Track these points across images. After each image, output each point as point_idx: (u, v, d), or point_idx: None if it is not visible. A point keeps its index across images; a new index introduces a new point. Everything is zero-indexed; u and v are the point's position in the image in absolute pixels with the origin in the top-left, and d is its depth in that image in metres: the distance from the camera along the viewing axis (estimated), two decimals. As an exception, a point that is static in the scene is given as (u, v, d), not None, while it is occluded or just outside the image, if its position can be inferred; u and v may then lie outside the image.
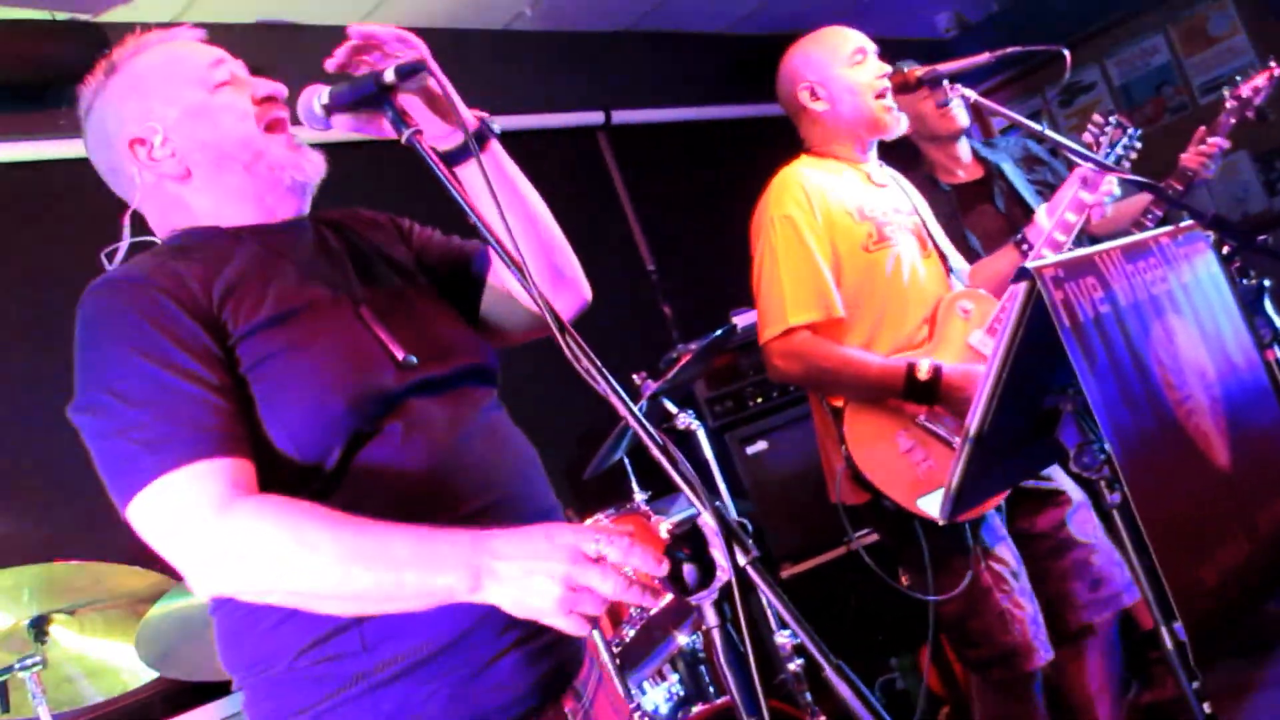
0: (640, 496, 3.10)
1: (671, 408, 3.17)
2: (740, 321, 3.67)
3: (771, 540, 3.83)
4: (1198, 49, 5.89)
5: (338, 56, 1.45)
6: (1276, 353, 2.50)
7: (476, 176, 1.46)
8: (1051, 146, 3.52)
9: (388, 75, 1.40)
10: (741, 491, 3.86)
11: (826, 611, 3.72)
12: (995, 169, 3.38)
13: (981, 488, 1.75)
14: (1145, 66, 6.07)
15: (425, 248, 1.70)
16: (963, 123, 3.27)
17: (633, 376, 3.19)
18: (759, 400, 4.03)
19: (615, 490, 3.18)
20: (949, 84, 2.68)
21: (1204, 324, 1.64)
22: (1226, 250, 2.54)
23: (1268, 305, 2.49)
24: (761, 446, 3.93)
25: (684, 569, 1.18)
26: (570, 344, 1.24)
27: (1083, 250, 1.48)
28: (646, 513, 2.95)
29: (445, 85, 1.48)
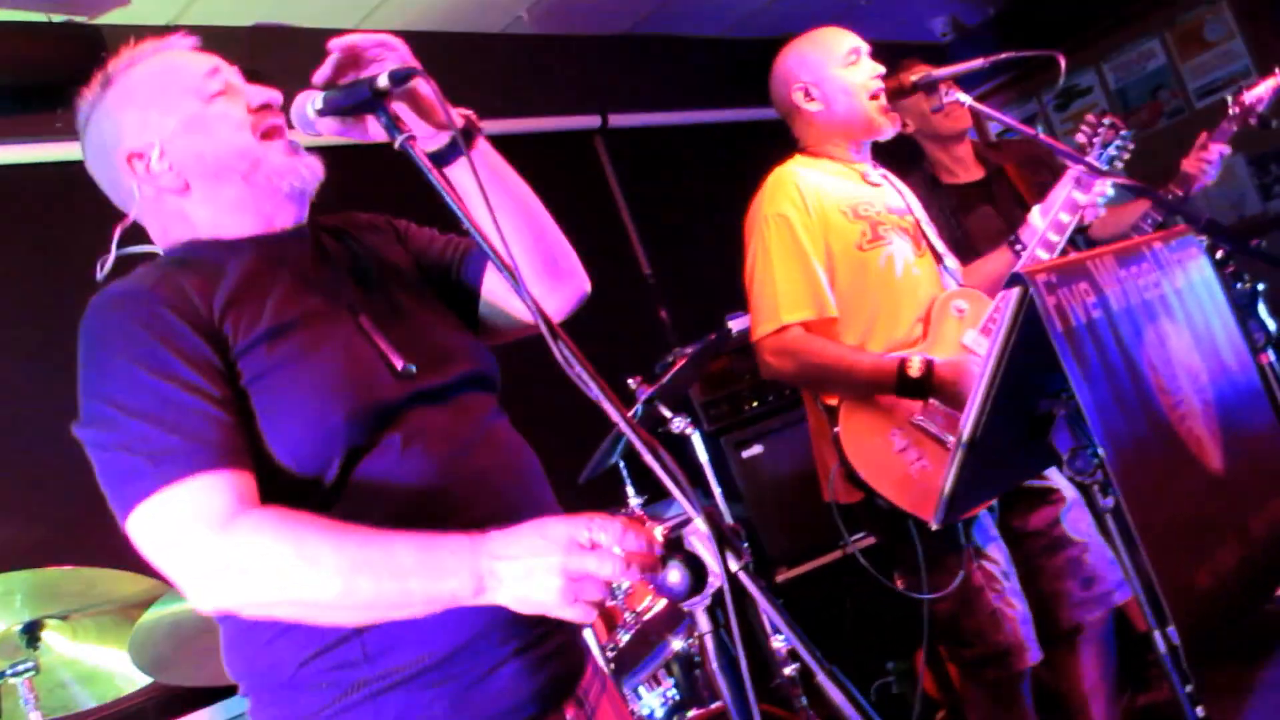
0: (635, 501, 3.10)
1: (666, 412, 3.17)
2: (735, 326, 3.66)
3: (766, 544, 3.83)
4: (1194, 53, 5.89)
5: (323, 72, 1.44)
6: (1270, 356, 2.50)
7: (466, 175, 1.45)
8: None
9: (381, 80, 1.39)
10: (736, 495, 3.87)
11: (822, 615, 3.73)
12: (996, 170, 3.39)
13: (975, 492, 1.76)
14: (1141, 70, 6.08)
15: (423, 251, 1.69)
16: (966, 123, 3.27)
17: (628, 380, 3.19)
18: (754, 404, 4.04)
19: (610, 495, 3.18)
20: (948, 87, 2.69)
21: (1197, 328, 1.64)
22: (1220, 254, 2.54)
23: (1261, 309, 2.49)
24: (756, 450, 3.94)
25: (677, 574, 1.18)
26: (562, 349, 1.24)
27: (1075, 255, 1.48)
28: (641, 517, 2.95)
29: (434, 88, 1.48)
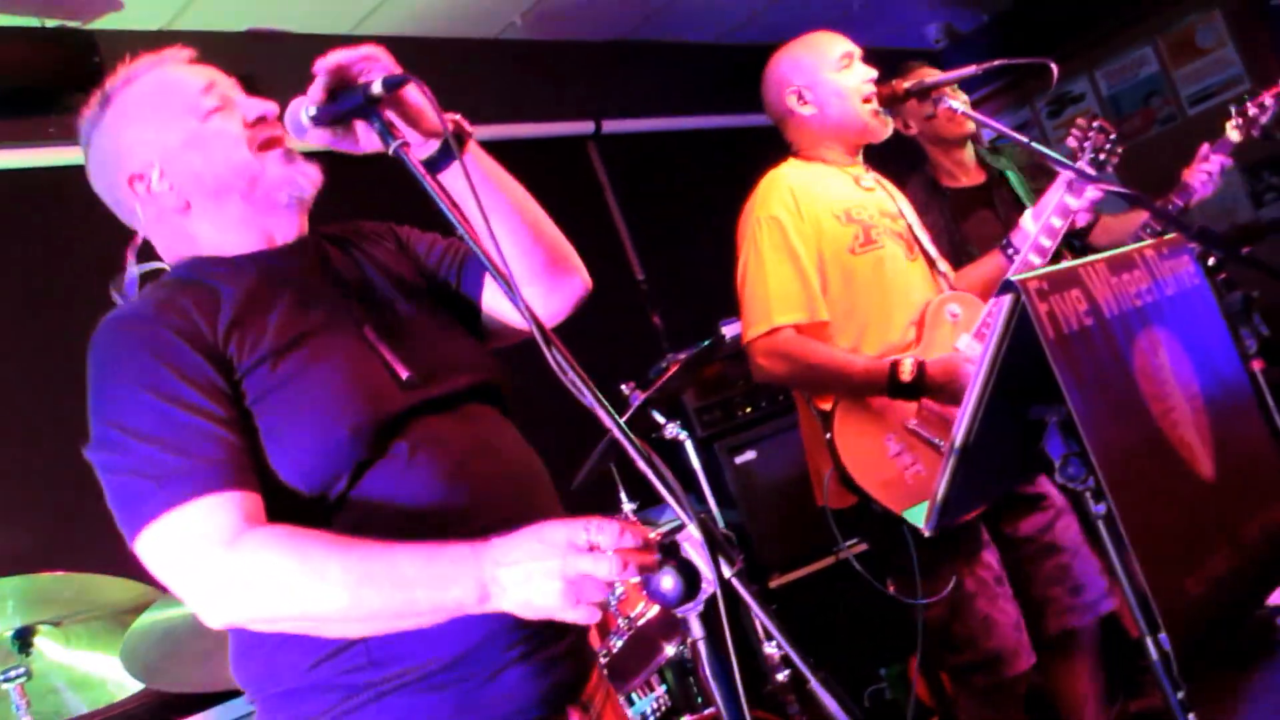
0: (628, 506, 3.10)
1: (659, 418, 3.17)
2: (729, 331, 3.67)
3: (759, 550, 3.83)
4: (1186, 60, 5.91)
5: (315, 94, 1.43)
6: (1262, 364, 2.51)
7: (459, 180, 1.45)
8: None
9: (375, 88, 1.39)
10: (729, 501, 3.86)
11: (815, 621, 3.72)
12: (998, 175, 3.39)
13: (967, 498, 1.76)
14: (1134, 77, 6.10)
15: (423, 260, 1.70)
16: (968, 128, 3.27)
17: (621, 386, 3.19)
18: (747, 410, 4.04)
19: (603, 500, 3.18)
20: (951, 92, 2.69)
21: (1189, 336, 1.64)
22: (1212, 261, 2.55)
23: (1253, 316, 2.50)
24: (750, 456, 3.94)
25: (670, 580, 1.18)
26: (555, 356, 1.24)
27: (1067, 263, 1.49)
28: (634, 523, 2.94)
29: (427, 92, 1.48)
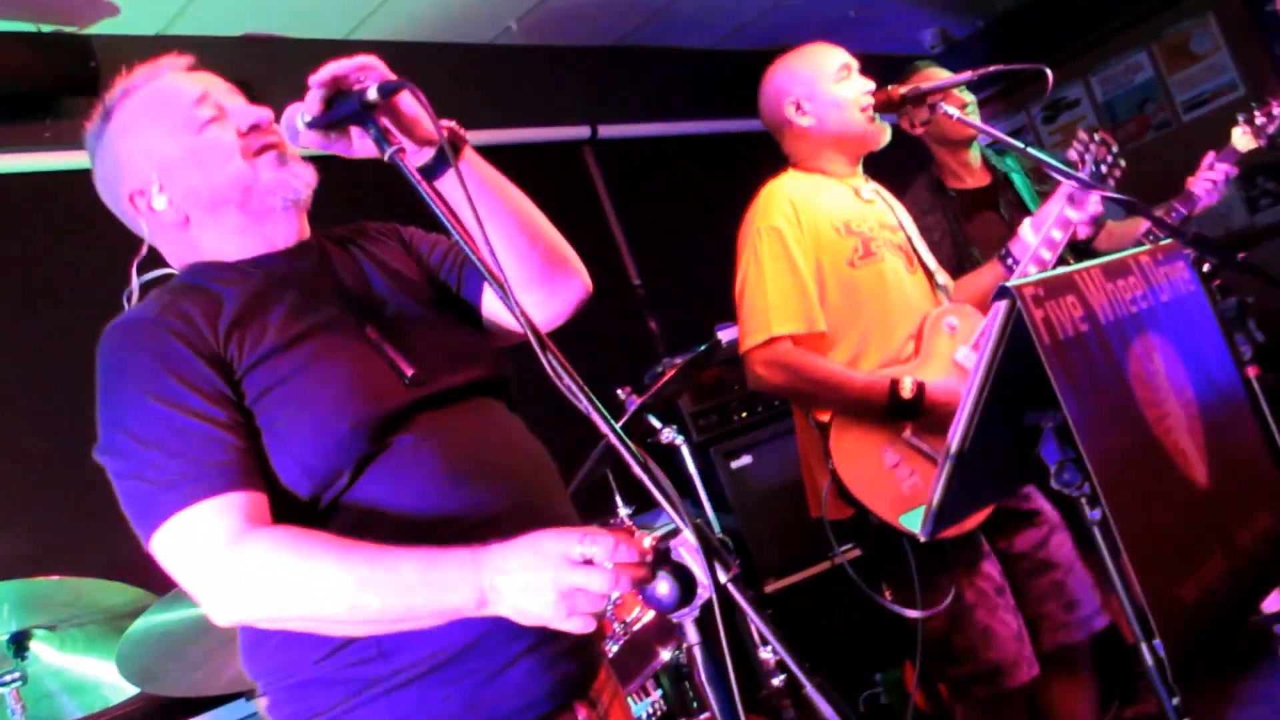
0: (624, 511, 3.09)
1: (655, 423, 3.17)
2: (725, 336, 3.66)
3: (755, 555, 3.83)
4: (1181, 66, 5.93)
5: (311, 107, 1.43)
6: (1257, 369, 2.52)
7: (455, 187, 1.46)
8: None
9: (371, 94, 1.39)
10: (725, 506, 3.86)
11: (810, 626, 3.72)
12: (1003, 177, 3.39)
13: (963, 505, 1.76)
14: (1129, 83, 6.11)
15: (425, 260, 1.71)
16: (975, 129, 3.27)
17: (617, 391, 3.19)
18: (743, 415, 4.04)
19: (599, 505, 3.18)
20: (952, 96, 2.69)
21: (1183, 342, 1.64)
22: (1207, 267, 2.56)
23: (1248, 322, 2.51)
24: (746, 461, 3.93)
25: (665, 586, 1.19)
26: (551, 360, 1.25)
27: (1063, 269, 1.49)
28: (630, 527, 2.95)
29: (423, 100, 1.48)
